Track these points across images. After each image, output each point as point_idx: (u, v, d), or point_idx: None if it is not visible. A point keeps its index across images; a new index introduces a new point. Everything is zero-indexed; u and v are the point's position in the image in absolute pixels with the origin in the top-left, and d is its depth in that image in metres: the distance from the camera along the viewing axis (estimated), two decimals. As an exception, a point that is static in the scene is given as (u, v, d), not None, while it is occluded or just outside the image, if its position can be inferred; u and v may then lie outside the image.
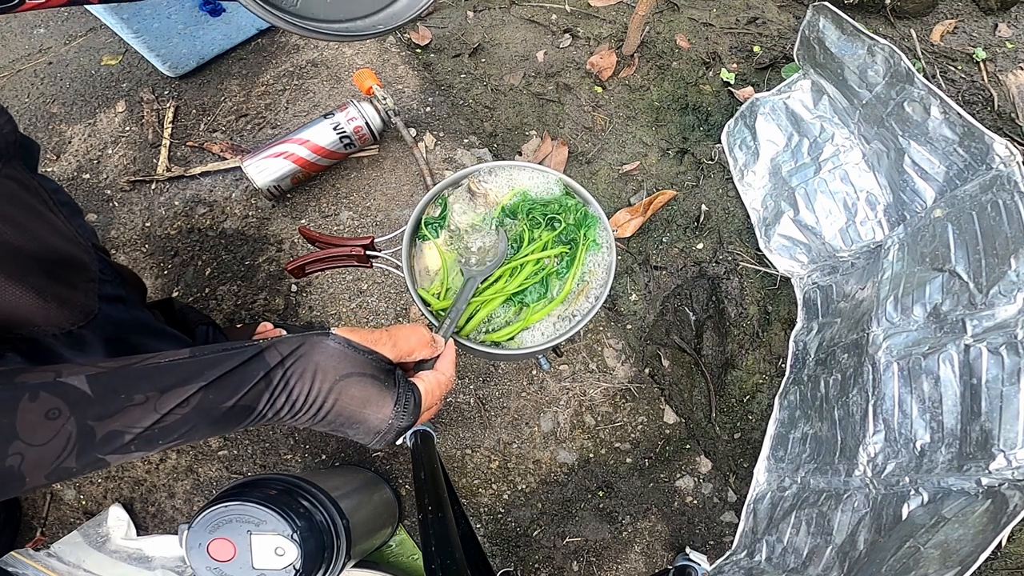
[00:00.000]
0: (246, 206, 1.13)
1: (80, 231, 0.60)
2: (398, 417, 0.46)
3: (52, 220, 0.55)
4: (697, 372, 1.07)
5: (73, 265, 0.57)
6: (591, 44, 1.30)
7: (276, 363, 0.41)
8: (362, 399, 0.44)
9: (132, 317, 0.67)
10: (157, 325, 0.74)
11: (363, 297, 1.07)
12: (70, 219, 0.58)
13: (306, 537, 0.69)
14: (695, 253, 1.13)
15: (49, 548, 0.96)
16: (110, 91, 1.24)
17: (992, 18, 1.37)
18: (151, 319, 0.73)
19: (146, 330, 0.71)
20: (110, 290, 0.63)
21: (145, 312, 0.72)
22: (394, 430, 0.46)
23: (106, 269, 0.63)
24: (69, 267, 0.57)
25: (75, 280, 0.58)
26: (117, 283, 0.65)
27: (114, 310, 0.63)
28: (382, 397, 0.45)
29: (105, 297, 0.62)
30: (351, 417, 0.44)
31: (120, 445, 0.37)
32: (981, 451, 0.63)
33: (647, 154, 1.20)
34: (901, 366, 0.76)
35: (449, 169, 1.15)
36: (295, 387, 0.42)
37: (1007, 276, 0.67)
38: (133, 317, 0.67)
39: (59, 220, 0.56)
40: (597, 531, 0.99)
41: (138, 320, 0.69)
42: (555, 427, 1.02)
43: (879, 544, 0.65)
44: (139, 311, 0.70)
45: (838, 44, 0.97)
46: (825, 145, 1.04)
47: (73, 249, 0.57)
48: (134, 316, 0.67)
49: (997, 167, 0.75)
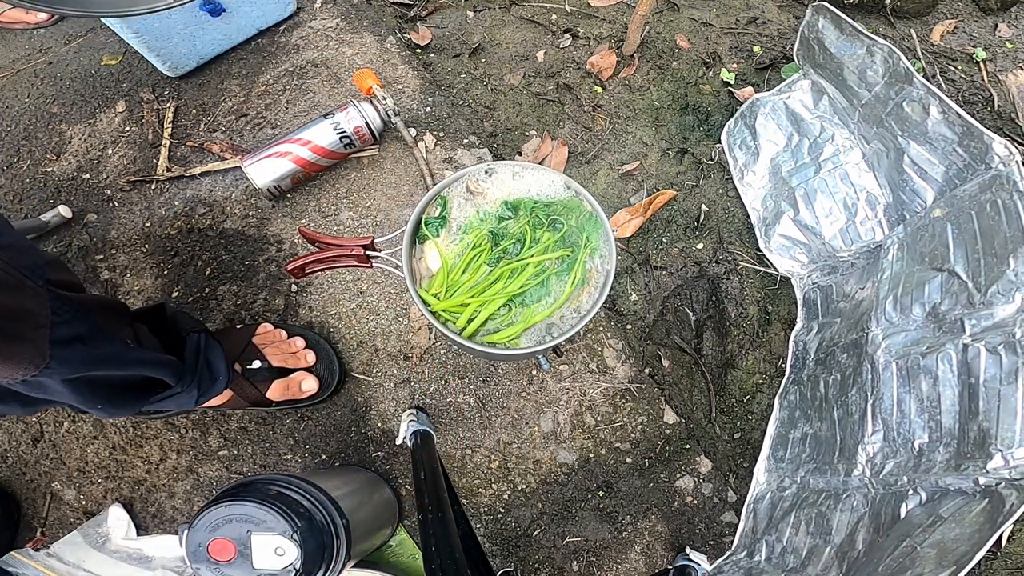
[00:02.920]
0: (246, 206, 1.13)
1: (28, 272, 0.56)
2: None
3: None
4: (697, 372, 1.07)
5: (17, 317, 0.54)
6: (591, 44, 1.30)
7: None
8: None
9: (93, 356, 0.64)
10: (131, 356, 0.70)
11: (363, 297, 1.07)
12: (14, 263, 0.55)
13: (306, 537, 0.69)
14: (695, 253, 1.13)
15: (49, 548, 0.96)
16: (110, 91, 1.24)
17: (992, 18, 1.37)
18: (121, 351, 0.69)
19: (115, 363, 0.67)
20: (65, 332, 0.59)
21: (113, 344, 0.68)
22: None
23: (62, 308, 0.59)
24: (11, 319, 0.54)
25: (21, 331, 0.55)
26: (77, 321, 0.61)
27: (71, 353, 0.60)
28: None
29: (59, 341, 0.58)
30: None
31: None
32: (979, 450, 0.63)
33: (647, 154, 1.20)
34: (900, 366, 0.77)
35: (449, 169, 1.15)
36: None
37: (1006, 276, 0.68)
38: (95, 356, 0.64)
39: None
40: (597, 531, 0.99)
41: (102, 356, 0.65)
42: (555, 427, 1.02)
43: (877, 544, 0.66)
44: (106, 345, 0.66)
45: (837, 44, 0.98)
46: (825, 145, 1.04)
47: (15, 300, 0.54)
48: (97, 353, 0.64)
49: (996, 167, 0.75)
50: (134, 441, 1.02)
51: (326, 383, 0.97)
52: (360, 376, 1.03)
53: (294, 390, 0.94)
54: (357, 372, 1.03)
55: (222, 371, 0.85)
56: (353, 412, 1.02)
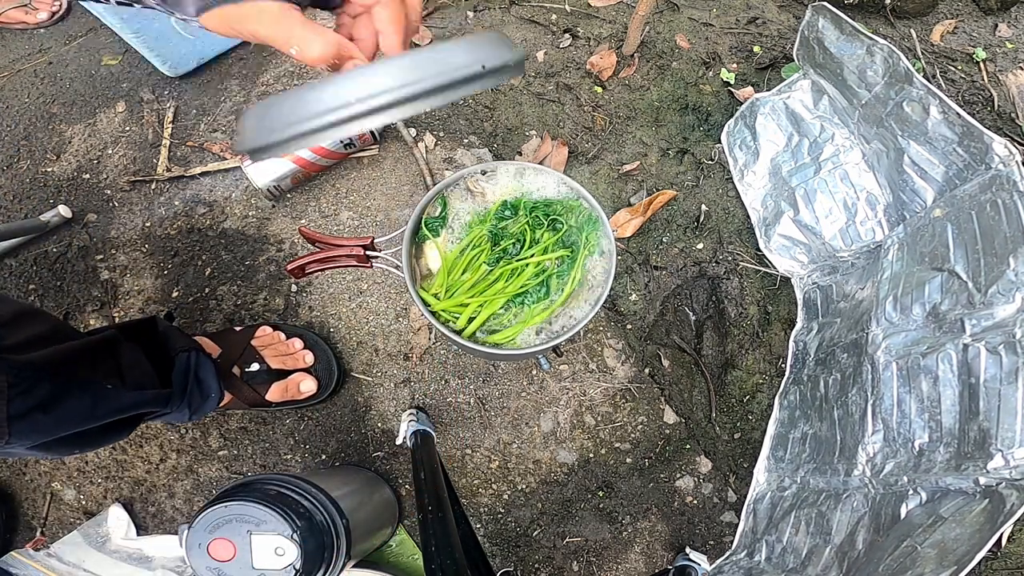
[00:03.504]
0: (246, 206, 1.13)
1: None
2: None
3: None
4: (697, 372, 1.07)
5: None
6: (591, 44, 1.30)
7: None
8: None
9: (57, 420, 0.62)
10: (109, 403, 0.67)
11: (363, 297, 1.07)
12: None
13: (306, 537, 0.69)
14: (695, 253, 1.13)
15: (49, 548, 0.96)
16: (110, 91, 1.24)
17: (992, 18, 1.37)
18: (94, 401, 0.66)
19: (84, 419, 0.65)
20: (21, 406, 0.58)
21: (85, 396, 0.65)
22: None
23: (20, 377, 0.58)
24: None
25: None
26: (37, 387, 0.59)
27: (29, 425, 0.59)
28: None
29: (16, 416, 0.57)
30: None
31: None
32: (979, 450, 0.63)
33: (647, 154, 1.20)
34: (900, 366, 0.77)
35: (449, 169, 1.15)
36: None
37: (1006, 276, 0.68)
38: (58, 419, 0.62)
39: None
40: (597, 531, 0.99)
41: (68, 417, 0.63)
42: (555, 427, 1.02)
43: (877, 544, 0.66)
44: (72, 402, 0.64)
45: (837, 44, 0.98)
46: (825, 145, 1.04)
47: None
48: (60, 417, 0.62)
49: (996, 167, 0.75)
50: (134, 441, 1.02)
51: (325, 383, 0.97)
52: (360, 376, 1.03)
53: (293, 391, 0.94)
54: (357, 372, 1.03)
55: (214, 388, 0.84)
56: (353, 412, 1.02)
